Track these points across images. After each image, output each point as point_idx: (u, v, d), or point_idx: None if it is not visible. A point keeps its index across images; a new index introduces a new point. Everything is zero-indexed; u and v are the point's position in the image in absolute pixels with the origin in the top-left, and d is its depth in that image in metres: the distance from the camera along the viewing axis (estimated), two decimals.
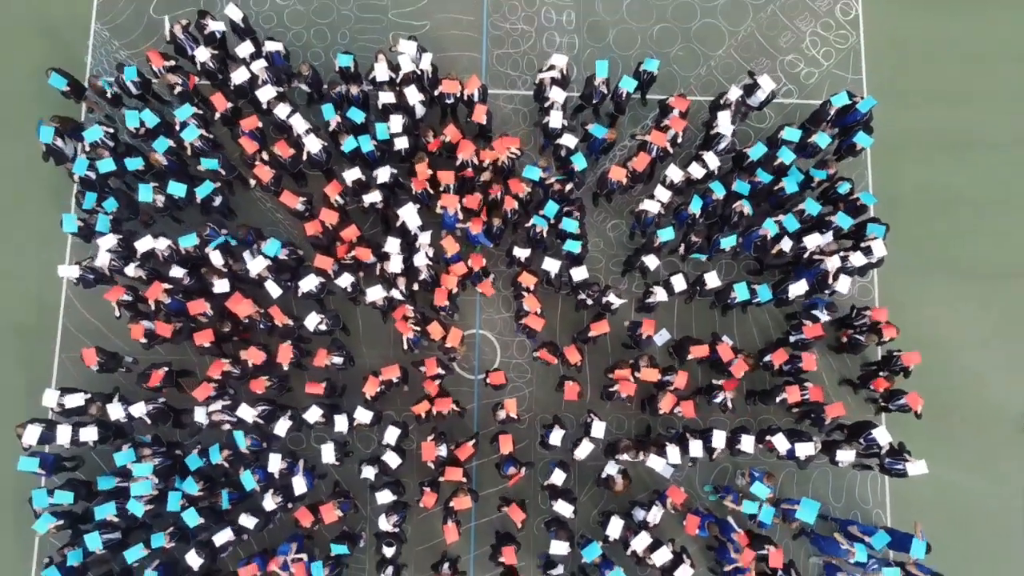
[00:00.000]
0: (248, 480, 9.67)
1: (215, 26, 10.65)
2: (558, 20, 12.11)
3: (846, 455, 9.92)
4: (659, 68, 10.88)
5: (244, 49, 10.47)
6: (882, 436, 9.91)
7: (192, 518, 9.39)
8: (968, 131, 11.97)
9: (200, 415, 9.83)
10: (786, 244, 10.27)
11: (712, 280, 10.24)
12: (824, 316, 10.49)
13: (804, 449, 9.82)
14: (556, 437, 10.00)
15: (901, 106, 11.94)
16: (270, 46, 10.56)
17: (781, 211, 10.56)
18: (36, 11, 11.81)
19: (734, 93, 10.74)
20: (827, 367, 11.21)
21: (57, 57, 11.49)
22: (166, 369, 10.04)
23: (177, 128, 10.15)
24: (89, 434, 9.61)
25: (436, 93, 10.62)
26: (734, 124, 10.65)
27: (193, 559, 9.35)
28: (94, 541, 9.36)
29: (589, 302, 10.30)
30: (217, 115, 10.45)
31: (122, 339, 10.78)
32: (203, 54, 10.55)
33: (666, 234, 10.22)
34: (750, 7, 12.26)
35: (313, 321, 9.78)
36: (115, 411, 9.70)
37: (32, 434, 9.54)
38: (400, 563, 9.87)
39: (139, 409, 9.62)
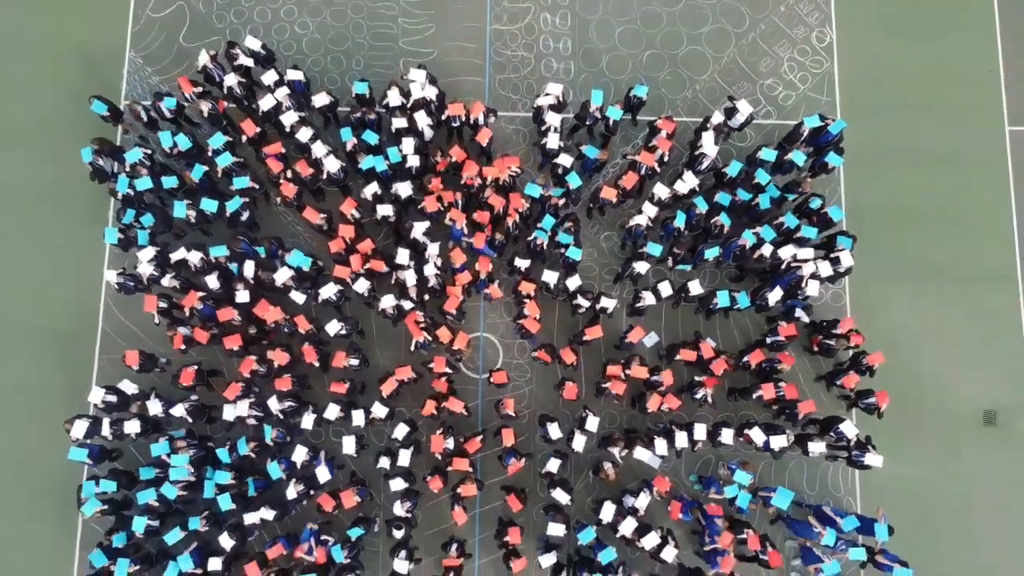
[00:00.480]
0: (275, 470, 10.69)
1: (244, 60, 11.64)
2: (555, 47, 13.14)
3: (817, 446, 10.92)
4: (648, 93, 11.91)
5: (269, 77, 11.49)
6: (849, 429, 10.92)
7: (225, 503, 10.41)
8: (932, 147, 12.96)
9: (229, 412, 10.84)
10: (767, 249, 11.28)
11: (695, 288, 11.26)
12: (804, 318, 11.55)
13: (778, 441, 10.82)
14: (555, 432, 11.02)
15: (871, 125, 12.96)
16: (292, 74, 11.58)
17: (758, 224, 11.58)
18: (76, 40, 12.82)
19: (716, 117, 11.76)
20: (803, 366, 12.21)
21: (95, 82, 12.54)
22: (196, 368, 11.07)
23: (210, 153, 11.18)
24: (132, 427, 10.63)
25: (443, 117, 11.65)
26: (717, 144, 11.67)
27: (225, 541, 10.38)
28: (139, 524, 10.39)
29: (584, 307, 11.31)
30: (245, 139, 11.47)
31: (156, 342, 11.82)
32: (231, 80, 11.59)
33: (654, 249, 11.24)
34: (732, 35, 13.28)
35: (334, 328, 10.80)
36: (153, 407, 10.73)
37: (80, 428, 10.58)
38: (412, 545, 10.88)
39: (179, 410, 10.63)
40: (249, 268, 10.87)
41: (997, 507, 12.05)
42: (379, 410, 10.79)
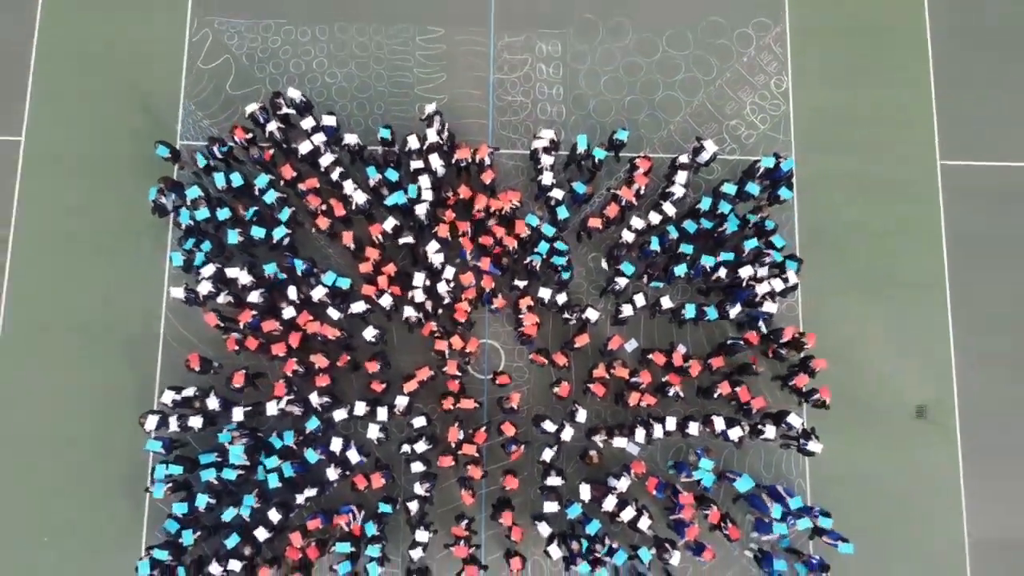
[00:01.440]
0: (311, 455, 12.77)
1: (286, 108, 13.74)
2: (549, 93, 15.23)
3: (769, 433, 13.02)
4: (628, 136, 14.01)
5: (307, 123, 13.59)
6: (795, 421, 13.03)
7: (274, 482, 12.51)
8: (874, 178, 15.02)
9: (272, 408, 12.90)
10: (722, 271, 13.39)
11: (666, 302, 13.37)
12: (763, 328, 13.65)
13: (734, 433, 12.93)
14: (549, 427, 13.11)
15: (822, 159, 15.05)
16: (326, 120, 13.69)
17: (722, 247, 13.69)
18: (138, 89, 14.89)
19: (684, 157, 13.86)
20: (762, 367, 14.28)
21: (155, 125, 14.64)
22: (244, 371, 13.16)
23: (257, 192, 13.30)
24: (196, 422, 12.74)
25: (453, 159, 13.74)
26: (687, 180, 13.77)
27: (273, 515, 12.48)
28: (201, 500, 12.50)
29: (572, 321, 13.40)
30: (283, 183, 13.58)
31: (208, 347, 13.89)
32: (272, 126, 13.69)
33: (627, 269, 13.36)
34: (702, 81, 15.37)
35: (370, 333, 12.92)
36: (212, 403, 12.84)
37: (152, 422, 12.68)
38: (428, 520, 12.96)
39: (238, 413, 12.75)
40: (292, 292, 12.97)
41: (927, 488, 14.13)
42: (401, 401, 12.86)
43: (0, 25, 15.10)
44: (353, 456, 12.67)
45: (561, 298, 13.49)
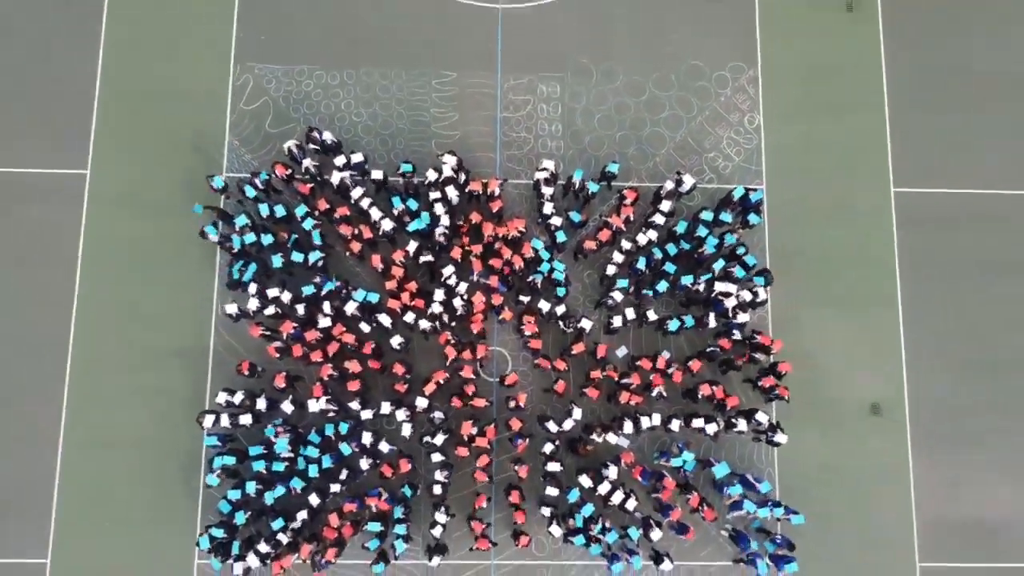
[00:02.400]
0: (346, 448, 14.81)
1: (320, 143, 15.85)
2: (549, 130, 17.29)
3: (741, 427, 15.08)
4: (619, 168, 16.08)
5: (339, 160, 15.66)
6: (762, 417, 15.10)
7: (314, 471, 14.57)
8: (835, 203, 17.08)
9: (313, 406, 14.95)
10: (701, 286, 15.49)
11: (651, 315, 15.44)
12: (738, 335, 15.71)
13: (711, 428, 15.00)
14: (552, 427, 15.18)
15: (789, 186, 17.11)
16: (355, 158, 15.75)
17: (701, 266, 15.77)
18: (188, 127, 16.92)
19: (668, 185, 15.93)
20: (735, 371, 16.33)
21: (203, 159, 16.69)
22: (285, 374, 15.20)
23: (299, 220, 15.38)
24: (246, 419, 14.80)
25: (466, 190, 15.80)
26: (671, 208, 15.85)
27: (314, 499, 14.53)
28: (250, 487, 14.56)
29: (569, 330, 15.48)
30: (318, 213, 15.66)
31: (251, 354, 15.89)
32: (308, 162, 15.75)
33: (621, 283, 15.43)
34: (684, 119, 17.43)
35: (396, 340, 15.00)
36: (260, 403, 14.90)
37: (209, 420, 14.75)
38: (447, 504, 15.00)
39: (287, 406, 14.81)
40: (327, 306, 15.06)
41: (881, 475, 16.19)
42: (421, 402, 14.92)
43: (67, 68, 17.13)
44: (384, 447, 14.74)
45: (560, 310, 15.55)
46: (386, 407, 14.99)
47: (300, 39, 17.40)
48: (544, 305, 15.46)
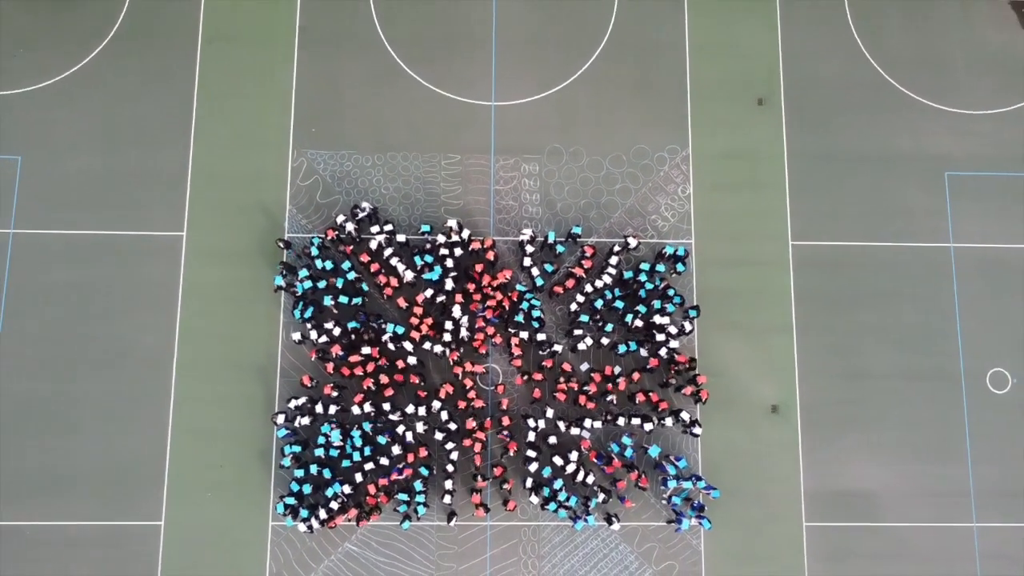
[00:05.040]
0: (383, 439, 20.40)
1: (361, 214, 21.47)
2: (530, 198, 22.84)
3: (669, 423, 20.68)
4: (581, 230, 21.65)
5: (375, 229, 21.25)
6: (685, 416, 20.70)
7: (357, 457, 20.17)
8: (746, 255, 22.62)
9: (356, 410, 20.52)
10: (639, 322, 21.08)
11: (604, 340, 21.04)
12: (663, 354, 21.30)
13: (648, 425, 20.59)
14: (531, 423, 20.75)
15: (711, 242, 22.66)
16: (387, 227, 21.33)
17: (641, 303, 21.35)
18: (259, 198, 22.50)
19: (618, 246, 21.52)
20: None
21: (271, 223, 22.24)
22: (333, 384, 20.77)
23: (345, 272, 21.01)
24: (306, 420, 20.40)
25: (469, 248, 21.40)
26: (620, 263, 21.43)
27: (357, 476, 20.13)
28: (313, 468, 20.16)
29: (544, 351, 21.07)
30: (360, 264, 21.28)
31: (308, 369, 21.43)
32: (349, 226, 21.35)
33: (584, 318, 21.03)
34: (632, 189, 22.99)
35: (412, 359, 20.62)
36: (318, 407, 20.49)
37: (280, 418, 20.38)
38: (454, 480, 20.55)
39: (331, 408, 20.42)
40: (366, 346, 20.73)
41: (778, 458, 21.74)
42: (435, 405, 20.51)
43: (167, 153, 22.63)
44: (409, 437, 20.36)
45: (539, 336, 21.14)
46: (410, 408, 20.58)
47: (342, 131, 23.00)
48: (525, 333, 21.06)
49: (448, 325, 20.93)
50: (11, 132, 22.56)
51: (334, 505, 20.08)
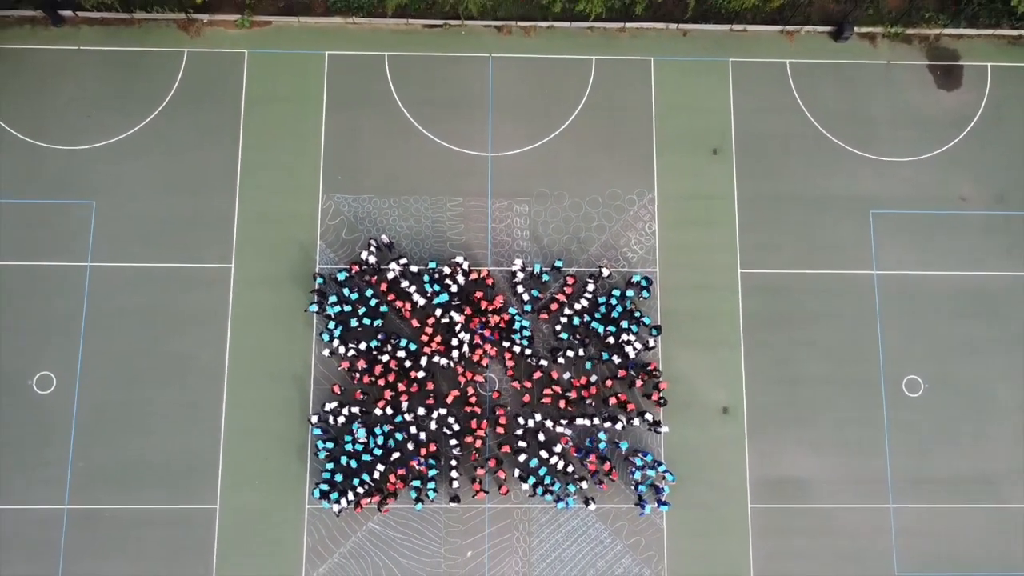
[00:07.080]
0: (400, 435, 24.79)
1: (381, 246, 25.90)
2: (521, 234, 27.20)
3: (636, 422, 25.09)
4: (563, 262, 26.04)
5: (392, 263, 25.65)
6: (649, 416, 25.12)
7: (378, 451, 24.56)
8: (702, 279, 26.99)
9: (378, 412, 24.89)
10: (611, 338, 25.47)
11: (582, 352, 25.46)
12: (631, 368, 25.71)
13: (618, 425, 24.98)
14: (521, 421, 25.12)
15: (673, 270, 27.03)
16: (403, 261, 25.71)
17: (611, 323, 25.74)
18: (295, 234, 26.85)
19: (596, 273, 25.92)
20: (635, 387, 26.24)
21: (304, 256, 26.61)
22: (359, 391, 25.15)
23: (368, 298, 25.41)
24: (341, 419, 24.80)
25: (470, 277, 25.79)
26: (595, 290, 25.82)
27: (380, 467, 24.52)
28: (343, 460, 24.56)
29: (533, 363, 25.47)
30: (380, 290, 25.69)
31: (337, 379, 25.77)
32: (371, 259, 25.73)
33: (564, 336, 25.44)
34: (607, 226, 27.35)
35: (421, 372, 25.02)
36: (346, 410, 24.87)
37: (315, 419, 24.79)
38: (459, 470, 24.91)
39: (354, 409, 24.84)
40: (385, 356, 25.11)
41: (727, 451, 26.10)
42: (443, 409, 24.91)
43: (217, 196, 26.97)
44: (422, 435, 24.78)
45: (528, 351, 25.55)
46: (421, 411, 24.96)
47: (363, 178, 27.36)
48: (517, 348, 25.47)
49: (454, 342, 25.31)
50: (86, 181, 26.93)
51: (360, 491, 24.46)
